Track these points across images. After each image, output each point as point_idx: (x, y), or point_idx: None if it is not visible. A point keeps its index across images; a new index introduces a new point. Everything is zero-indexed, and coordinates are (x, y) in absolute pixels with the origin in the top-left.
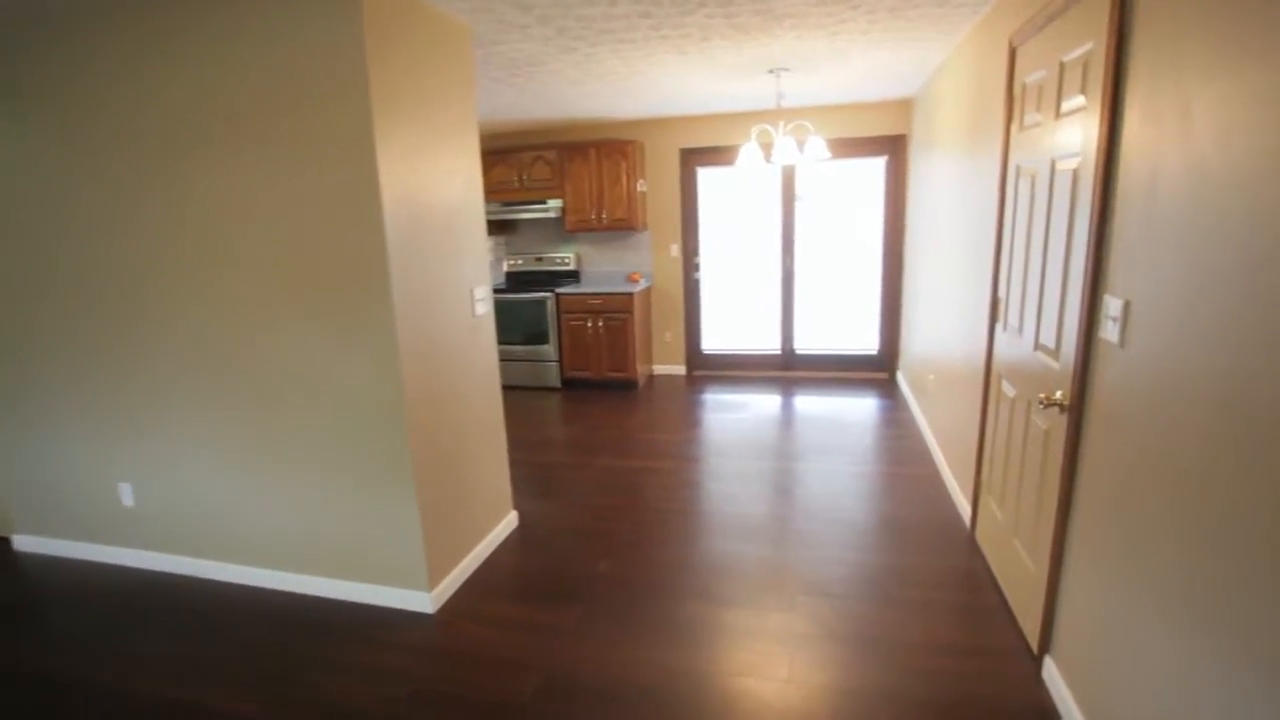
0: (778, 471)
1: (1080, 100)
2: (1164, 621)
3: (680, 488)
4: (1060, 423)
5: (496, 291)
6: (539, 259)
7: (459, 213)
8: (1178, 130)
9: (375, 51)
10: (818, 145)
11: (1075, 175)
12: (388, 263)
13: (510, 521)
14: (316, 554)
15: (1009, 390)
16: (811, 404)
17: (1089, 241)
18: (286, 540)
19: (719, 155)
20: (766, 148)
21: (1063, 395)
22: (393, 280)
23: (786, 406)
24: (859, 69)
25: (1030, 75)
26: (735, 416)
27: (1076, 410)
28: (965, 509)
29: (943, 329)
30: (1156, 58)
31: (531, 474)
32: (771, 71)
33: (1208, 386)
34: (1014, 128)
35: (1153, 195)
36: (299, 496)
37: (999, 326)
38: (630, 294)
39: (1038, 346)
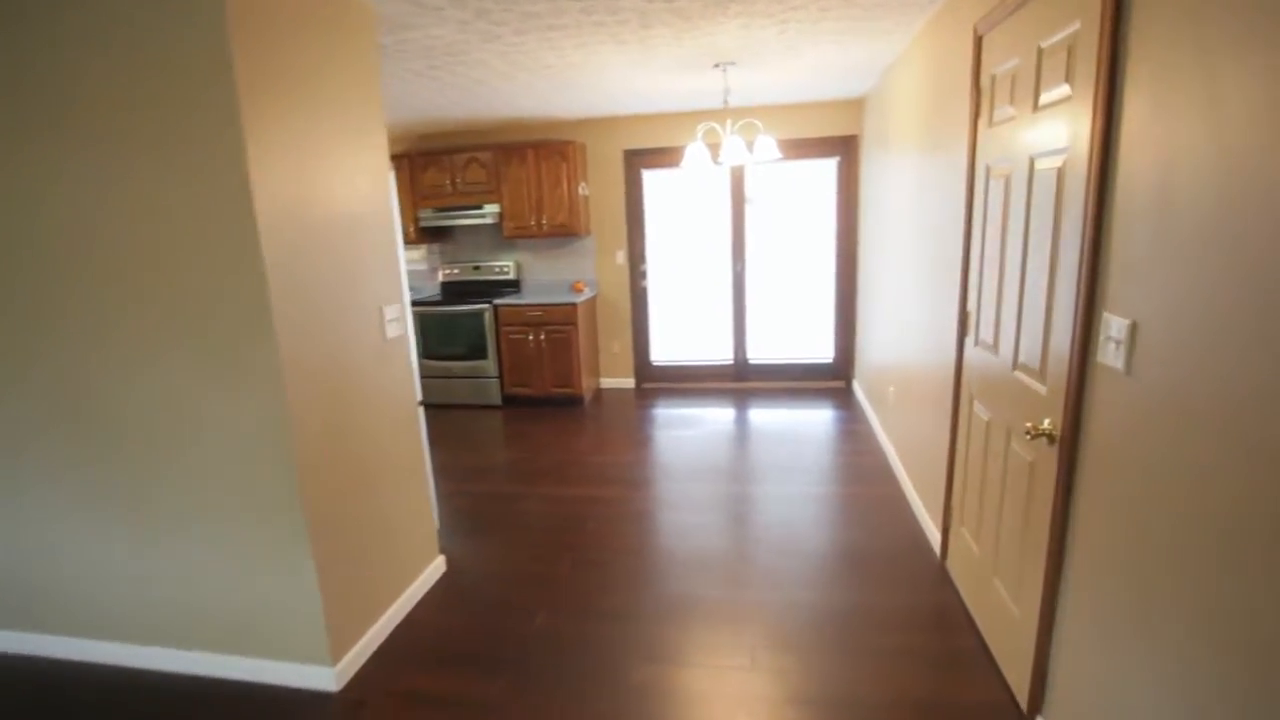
0: (733, 497)
1: (1064, 90)
2: (1186, 696)
3: (628, 519)
4: (1049, 456)
5: (430, 304)
6: (477, 268)
7: (363, 221)
8: (1201, 120)
9: (241, 27)
10: (767, 145)
11: (1060, 174)
12: (266, 283)
13: (436, 568)
14: (196, 625)
15: (982, 412)
16: (766, 417)
17: (1081, 252)
18: (160, 611)
19: (665, 157)
20: (714, 148)
21: (1051, 425)
22: (274, 303)
23: (741, 420)
24: (810, 64)
25: (1000, 65)
26: (687, 434)
27: (1069, 444)
28: (934, 535)
29: (903, 339)
30: (1169, 33)
31: (465, 508)
32: (718, 66)
33: (1245, 427)
34: (982, 124)
35: (1167, 199)
36: (174, 559)
37: (969, 340)
38: (573, 304)
39: (1017, 366)
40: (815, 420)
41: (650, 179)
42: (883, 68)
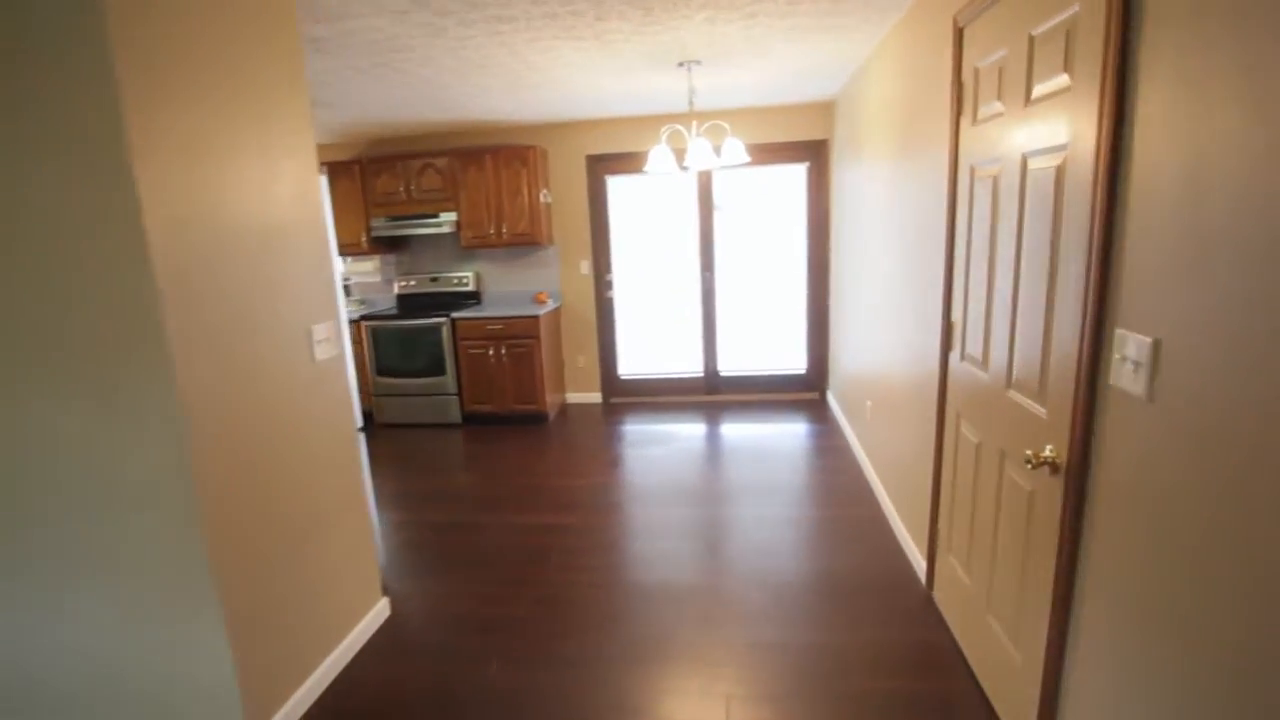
0: (705, 522)
1: (1062, 80)
2: None
3: (591, 551)
4: (1052, 486)
5: (384, 318)
6: (434, 279)
7: (287, 231)
8: (1239, 104)
9: (123, 7)
10: (735, 148)
11: (1059, 174)
12: (158, 299)
13: (379, 613)
14: (88, 706)
15: (971, 434)
16: (739, 432)
17: (1088, 260)
18: (45, 692)
19: (630, 162)
20: (681, 152)
21: (1054, 453)
22: (168, 323)
23: (712, 436)
24: (778, 64)
25: (985, 58)
26: (657, 452)
27: (1078, 475)
28: (919, 562)
29: (880, 351)
30: (1198, 4)
31: (415, 541)
32: (683, 65)
33: None
34: (964, 122)
35: (1198, 198)
36: (63, 632)
37: (954, 355)
38: (535, 317)
39: (1012, 385)
40: (789, 435)
41: (615, 185)
42: (853, 68)
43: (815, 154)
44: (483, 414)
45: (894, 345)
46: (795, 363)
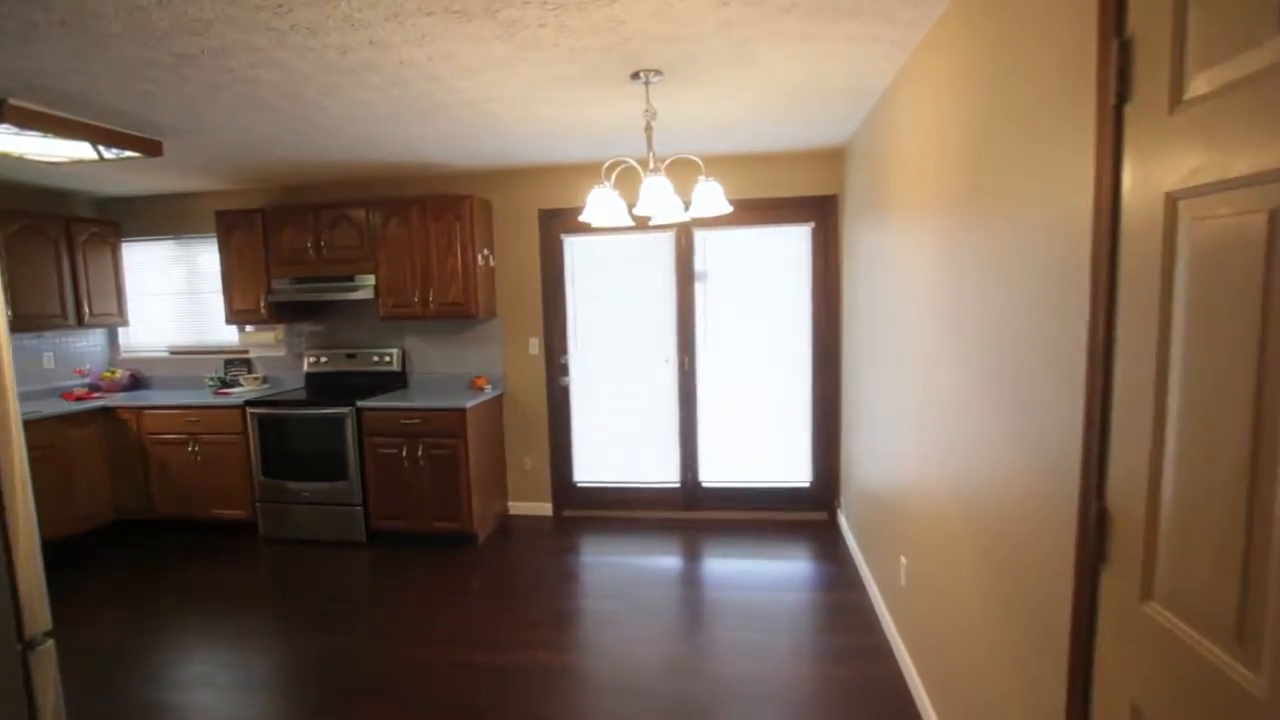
0: None
1: None
2: None
3: None
4: None
5: (275, 404)
6: (350, 356)
7: None
8: None
9: None
10: (711, 194)
11: None
12: None
13: None
14: None
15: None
16: (724, 574)
17: None
18: None
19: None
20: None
21: None
22: None
23: (689, 581)
24: (769, 84)
25: None
26: (612, 606)
27: None
28: None
29: (930, 474)
30: None
31: None
32: (638, 77)
33: None
34: (1139, 116)
35: None
36: None
37: (1110, 570)
38: (461, 410)
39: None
40: (789, 580)
41: (574, 247)
42: (874, 98)
43: (822, 212)
44: (394, 532)
45: (959, 470)
46: (797, 473)
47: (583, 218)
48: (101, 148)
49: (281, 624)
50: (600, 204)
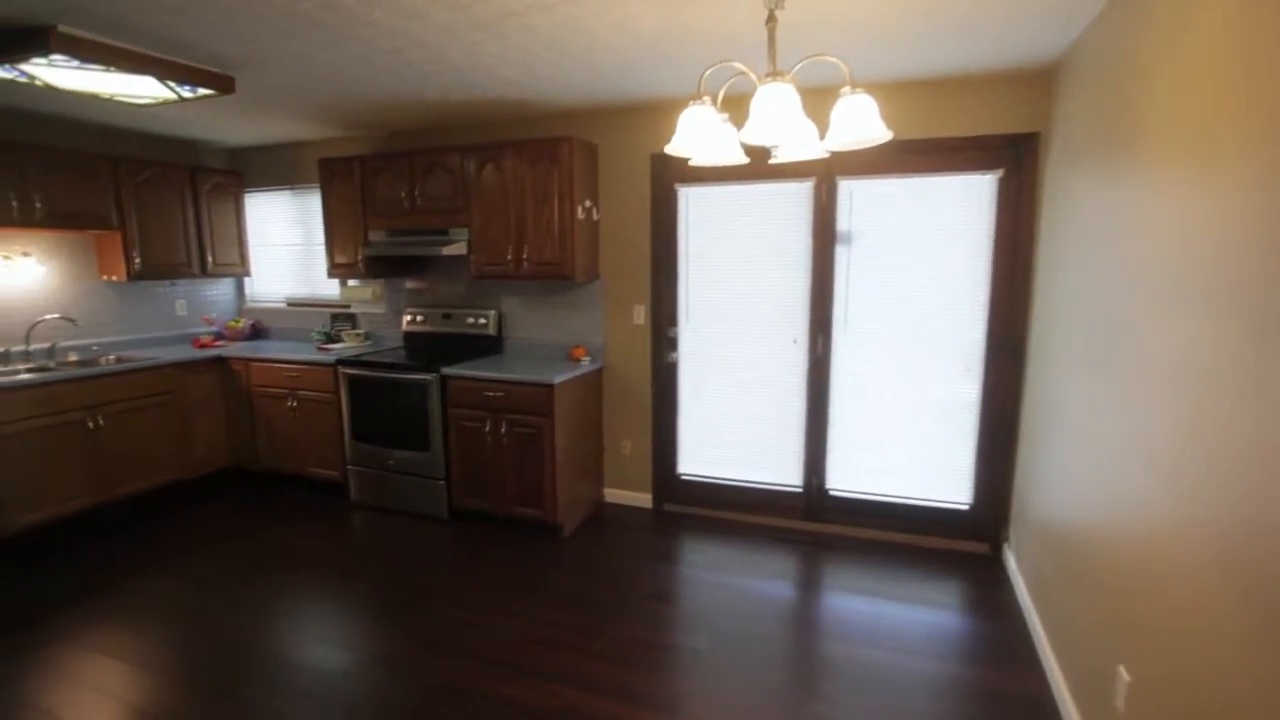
0: None
1: None
2: None
3: None
4: None
5: (363, 365)
6: (447, 315)
7: None
8: None
9: None
10: (861, 113)
11: None
12: None
13: None
14: None
15: None
16: (850, 612)
17: None
18: None
19: (710, 168)
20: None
21: None
22: None
23: (803, 615)
24: None
25: None
26: (703, 644)
27: None
28: None
29: (1183, 539)
30: None
31: None
32: None
33: None
34: None
35: None
36: None
37: None
38: (548, 386)
39: None
40: (935, 638)
41: (689, 200)
42: None
43: (1014, 156)
44: (477, 512)
45: (1256, 552)
46: (952, 490)
47: (670, 148)
48: (173, 83)
49: (326, 610)
50: (695, 127)
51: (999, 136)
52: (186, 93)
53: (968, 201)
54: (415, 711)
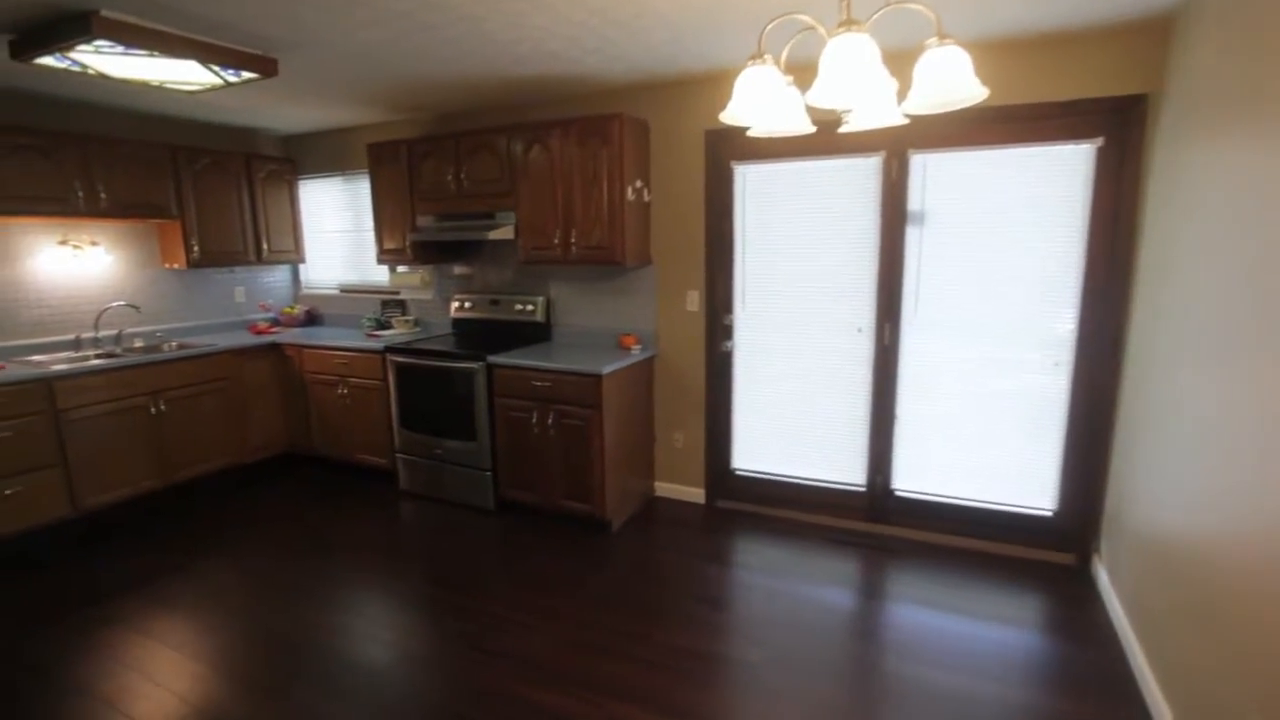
0: None
1: None
2: None
3: None
4: None
5: (410, 352)
6: (494, 302)
7: None
8: None
9: None
10: (951, 66)
11: None
12: None
13: None
14: None
15: None
16: (917, 626)
17: None
18: None
19: (771, 141)
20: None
21: None
22: None
23: (866, 628)
24: None
25: None
26: (756, 655)
27: None
28: None
29: None
30: None
31: None
32: None
33: None
34: None
35: None
36: None
37: None
38: (596, 376)
39: None
40: (1015, 660)
41: (746, 178)
42: None
43: (1119, 123)
44: (524, 504)
45: None
46: (1035, 494)
47: (725, 115)
48: (216, 67)
49: (367, 602)
50: (754, 90)
51: (1099, 100)
52: (231, 76)
53: (1058, 175)
54: (449, 716)
